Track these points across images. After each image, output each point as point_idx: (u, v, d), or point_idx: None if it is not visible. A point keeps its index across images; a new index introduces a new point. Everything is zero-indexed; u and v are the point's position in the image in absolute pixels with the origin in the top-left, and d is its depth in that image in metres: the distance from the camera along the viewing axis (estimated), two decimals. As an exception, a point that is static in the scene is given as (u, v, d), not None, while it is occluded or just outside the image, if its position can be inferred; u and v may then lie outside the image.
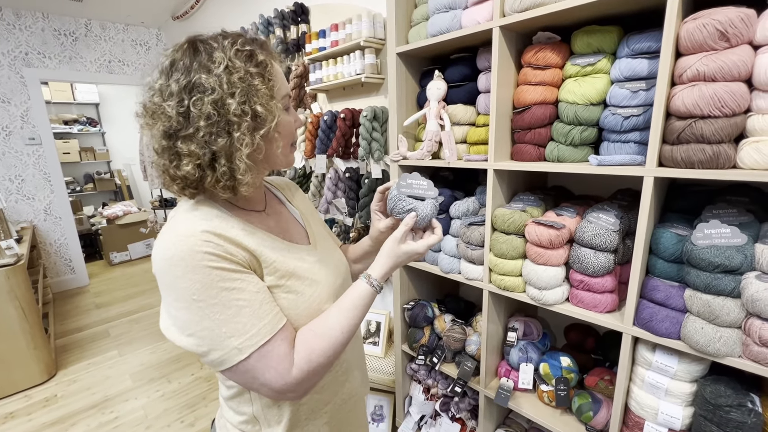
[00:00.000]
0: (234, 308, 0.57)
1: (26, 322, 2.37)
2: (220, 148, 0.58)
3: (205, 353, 0.58)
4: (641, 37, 0.93)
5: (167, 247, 0.57)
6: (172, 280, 0.56)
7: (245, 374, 0.59)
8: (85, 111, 5.61)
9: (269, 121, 0.61)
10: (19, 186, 3.67)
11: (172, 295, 0.57)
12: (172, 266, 0.56)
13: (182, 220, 0.61)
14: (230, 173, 0.59)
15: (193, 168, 0.58)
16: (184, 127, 0.58)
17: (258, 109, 0.59)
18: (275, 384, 0.59)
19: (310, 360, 0.61)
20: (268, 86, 0.61)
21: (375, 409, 1.98)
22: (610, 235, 1.00)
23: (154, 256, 0.59)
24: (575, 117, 1.05)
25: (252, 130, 0.60)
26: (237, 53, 0.59)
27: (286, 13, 2.31)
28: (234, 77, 0.58)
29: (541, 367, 1.28)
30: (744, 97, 0.77)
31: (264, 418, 0.69)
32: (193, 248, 0.56)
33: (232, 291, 0.57)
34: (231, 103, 0.57)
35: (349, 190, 1.99)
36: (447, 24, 1.20)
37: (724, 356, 0.84)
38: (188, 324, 0.57)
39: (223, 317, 0.56)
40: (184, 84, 0.57)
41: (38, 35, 3.59)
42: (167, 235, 0.58)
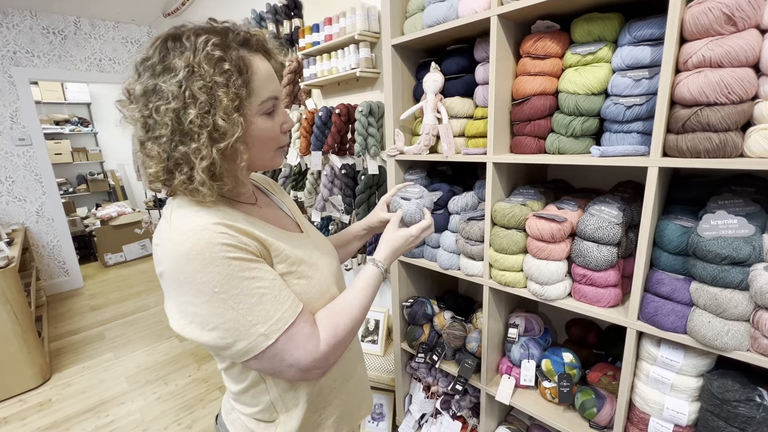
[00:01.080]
0: (256, 296, 0.58)
1: (18, 326, 2.33)
2: (181, 156, 0.57)
3: (229, 345, 0.58)
4: (643, 24, 0.91)
5: (181, 243, 0.56)
6: (190, 276, 0.55)
7: (272, 359, 0.60)
8: (76, 111, 5.53)
9: (229, 135, 0.58)
10: (10, 188, 3.61)
11: (189, 291, 0.56)
12: (189, 261, 0.55)
13: (187, 215, 0.59)
14: (188, 182, 0.58)
15: (159, 170, 0.58)
16: (151, 130, 0.57)
17: (218, 122, 0.56)
18: (304, 362, 0.61)
19: (336, 334, 0.65)
20: (231, 98, 0.57)
21: (375, 408, 1.96)
22: (612, 228, 0.98)
23: (164, 253, 0.57)
24: (576, 107, 1.02)
25: (211, 143, 0.57)
26: (207, 56, 0.56)
27: (278, 8, 2.27)
28: (195, 86, 0.55)
29: (543, 363, 1.26)
30: (752, 82, 0.75)
31: (282, 403, 0.70)
32: (209, 241, 0.55)
33: (252, 280, 0.58)
34: (190, 113, 0.55)
35: (345, 187, 1.96)
36: (443, 14, 1.17)
37: (732, 350, 0.82)
38: (211, 318, 0.56)
39: (247, 306, 0.57)
40: (151, 88, 0.56)
41: (26, 34, 3.52)
42: (176, 231, 0.57)
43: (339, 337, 0.65)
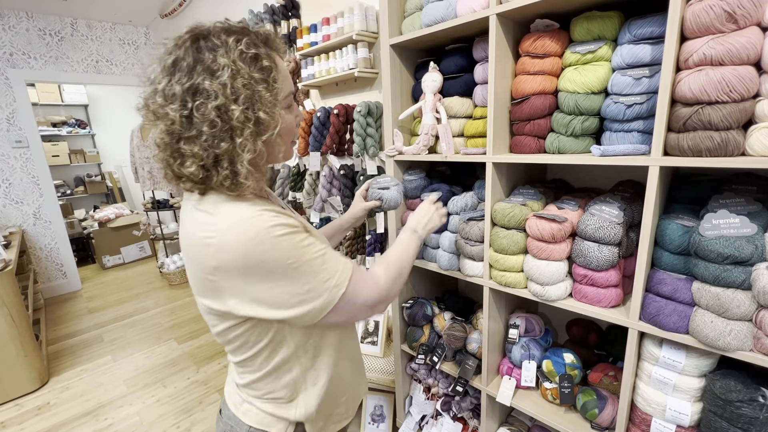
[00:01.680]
0: (319, 258, 0.64)
1: (16, 330, 2.31)
2: (222, 152, 0.59)
3: (312, 307, 0.64)
4: (643, 22, 0.90)
5: (245, 230, 0.59)
6: (262, 257, 0.59)
7: (347, 305, 0.67)
8: (73, 113, 5.51)
9: (272, 127, 0.62)
10: (7, 190, 3.59)
11: (262, 271, 0.60)
12: (258, 244, 0.59)
13: (234, 208, 0.62)
14: (233, 177, 0.61)
15: (196, 169, 0.60)
16: (187, 129, 0.59)
17: (261, 116, 0.60)
18: (373, 297, 0.71)
19: (389, 269, 0.77)
20: (272, 93, 0.62)
21: (375, 409, 1.95)
22: (613, 227, 0.97)
23: (224, 245, 0.59)
24: (576, 107, 1.02)
25: (255, 136, 0.61)
26: (241, 55, 0.59)
27: (276, 8, 2.27)
28: (238, 83, 0.58)
29: (544, 364, 1.25)
30: (753, 81, 0.74)
31: (303, 382, 0.75)
32: (269, 223, 0.60)
33: (310, 246, 0.64)
34: (234, 109, 0.58)
35: (344, 188, 1.95)
36: (442, 13, 1.16)
37: (735, 350, 0.81)
38: (290, 291, 0.62)
39: (315, 268, 0.63)
40: (187, 87, 0.58)
41: (23, 35, 3.51)
42: (233, 221, 0.60)
43: (393, 275, 0.77)
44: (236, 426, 0.78)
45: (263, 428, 0.75)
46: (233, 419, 0.79)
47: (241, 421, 0.77)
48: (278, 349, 0.71)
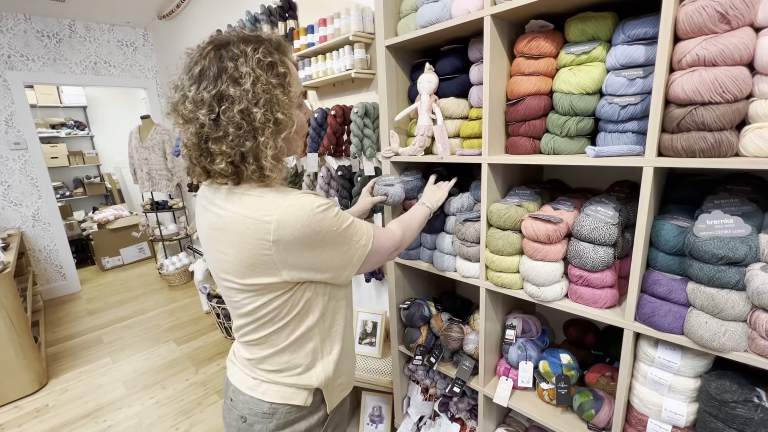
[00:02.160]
0: (351, 226, 0.77)
1: (14, 332, 2.31)
2: (247, 150, 0.68)
3: (350, 265, 0.79)
4: (637, 23, 0.90)
5: (303, 205, 0.69)
6: (315, 228, 0.70)
7: (374, 255, 0.83)
8: (72, 114, 5.51)
9: (289, 126, 0.72)
10: (5, 192, 3.59)
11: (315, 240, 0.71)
12: (312, 217, 0.69)
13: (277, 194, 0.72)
14: (260, 171, 0.70)
15: (226, 165, 0.69)
16: (215, 131, 0.67)
17: (279, 116, 0.69)
18: (392, 244, 0.91)
19: (402, 225, 1.00)
20: (287, 95, 0.70)
21: (373, 410, 1.95)
22: (609, 228, 0.97)
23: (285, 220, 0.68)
24: (571, 107, 1.01)
25: (275, 134, 0.70)
26: (259, 63, 0.67)
27: (273, 9, 2.26)
28: (258, 88, 0.66)
29: (541, 364, 1.25)
30: (746, 81, 0.74)
31: (320, 349, 0.84)
32: (315, 201, 0.70)
33: (342, 217, 0.75)
34: (256, 111, 0.66)
35: (342, 189, 1.95)
36: (436, 14, 1.16)
37: (730, 351, 0.81)
38: (335, 253, 0.75)
39: (350, 233, 0.77)
40: (214, 93, 0.66)
41: (20, 37, 3.51)
42: (289, 202, 0.69)
43: (403, 227, 0.99)
44: (255, 407, 0.82)
45: (285, 401, 0.82)
46: (251, 402, 0.83)
47: (261, 402, 0.82)
48: (304, 319, 0.80)
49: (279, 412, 0.82)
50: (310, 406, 0.84)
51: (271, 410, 0.82)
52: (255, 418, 0.83)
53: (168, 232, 4.31)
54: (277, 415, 0.82)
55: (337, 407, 0.92)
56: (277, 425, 0.82)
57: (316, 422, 0.86)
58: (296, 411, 0.83)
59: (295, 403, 0.82)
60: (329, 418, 0.89)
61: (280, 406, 0.82)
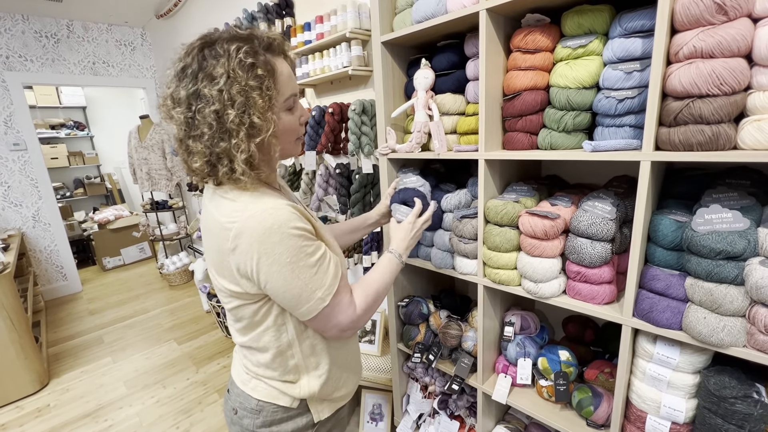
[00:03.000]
0: (315, 267, 0.70)
1: (15, 332, 2.32)
2: (221, 151, 0.66)
3: (294, 306, 0.72)
4: (634, 16, 0.89)
5: (265, 219, 0.65)
6: (269, 247, 0.66)
7: (323, 318, 0.74)
8: (71, 115, 5.51)
9: (264, 130, 0.67)
10: (5, 193, 3.59)
11: (268, 260, 0.66)
12: (270, 234, 0.65)
13: (257, 198, 0.70)
14: (230, 173, 0.68)
15: (202, 164, 0.68)
16: (192, 129, 0.66)
17: (255, 120, 0.66)
18: (344, 322, 0.77)
19: (367, 303, 0.81)
20: (265, 99, 0.66)
21: (373, 408, 1.95)
22: (606, 223, 0.96)
23: (244, 228, 0.66)
24: (567, 102, 1.01)
25: (249, 138, 0.67)
26: (240, 63, 0.64)
27: (270, 7, 2.25)
28: (234, 89, 0.64)
29: (540, 361, 1.24)
30: (744, 73, 0.73)
31: (304, 366, 0.82)
32: (287, 218, 0.67)
33: (310, 255, 0.70)
34: (230, 113, 0.64)
35: (340, 187, 1.94)
36: (432, 9, 1.15)
37: (728, 346, 0.81)
38: (281, 284, 0.69)
39: (308, 276, 0.70)
40: (192, 92, 0.65)
41: (18, 38, 3.50)
42: (256, 209, 0.66)
43: (369, 304, 0.82)
44: (245, 401, 0.84)
45: (271, 401, 0.82)
46: (242, 396, 0.85)
47: (250, 397, 0.83)
48: (281, 332, 0.78)
49: (266, 410, 0.83)
50: (297, 409, 0.84)
51: (258, 407, 0.83)
52: (244, 412, 0.84)
53: (168, 231, 4.31)
54: (264, 413, 0.83)
55: (330, 416, 0.90)
56: (264, 422, 0.83)
57: (303, 425, 0.85)
58: (282, 411, 0.83)
59: (280, 403, 0.82)
60: (319, 423, 0.87)
61: (267, 404, 0.82)
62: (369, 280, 0.86)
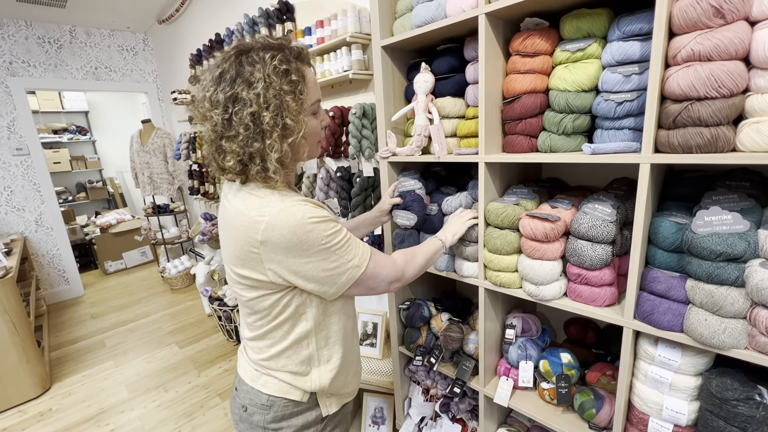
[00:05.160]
0: (345, 243, 0.77)
1: (17, 336, 2.32)
2: (255, 151, 0.71)
3: (336, 283, 0.77)
4: (632, 19, 0.89)
5: (292, 214, 0.71)
6: (304, 236, 0.71)
7: (368, 279, 0.81)
8: (74, 119, 5.55)
9: (296, 131, 0.74)
10: (8, 197, 3.61)
11: (302, 247, 0.72)
12: (302, 224, 0.71)
13: (280, 196, 0.74)
14: (264, 172, 0.73)
15: (235, 163, 0.73)
16: (227, 130, 0.71)
17: (288, 122, 0.72)
18: (390, 274, 0.85)
19: (406, 258, 0.93)
20: (297, 102, 0.73)
21: (375, 412, 1.95)
22: (606, 226, 0.96)
23: (275, 223, 0.71)
24: (567, 105, 1.01)
25: (282, 138, 0.72)
26: (275, 70, 0.70)
27: (271, 12, 2.27)
28: (269, 93, 0.69)
29: (541, 364, 1.24)
30: (742, 76, 0.73)
31: (317, 358, 0.86)
32: (310, 211, 0.72)
33: (338, 232, 0.76)
34: (266, 115, 0.70)
35: (341, 190, 1.95)
36: (431, 14, 1.16)
37: (730, 348, 0.80)
38: (318, 267, 0.74)
39: (342, 251, 0.76)
40: (229, 95, 0.70)
41: (22, 43, 3.54)
42: (283, 205, 0.72)
43: (408, 260, 0.93)
44: (255, 398, 0.86)
45: (282, 395, 0.85)
46: (252, 392, 0.87)
47: (260, 393, 0.86)
48: (298, 323, 0.82)
49: (276, 405, 0.84)
50: (307, 403, 0.86)
51: (269, 402, 0.85)
52: (254, 408, 0.86)
53: (170, 235, 4.33)
54: (275, 408, 0.84)
55: (338, 411, 0.93)
56: (275, 417, 0.85)
57: (313, 419, 0.87)
58: (293, 405, 0.85)
59: (291, 397, 0.85)
60: (328, 418, 0.90)
61: (278, 399, 0.84)
62: (408, 248, 0.98)
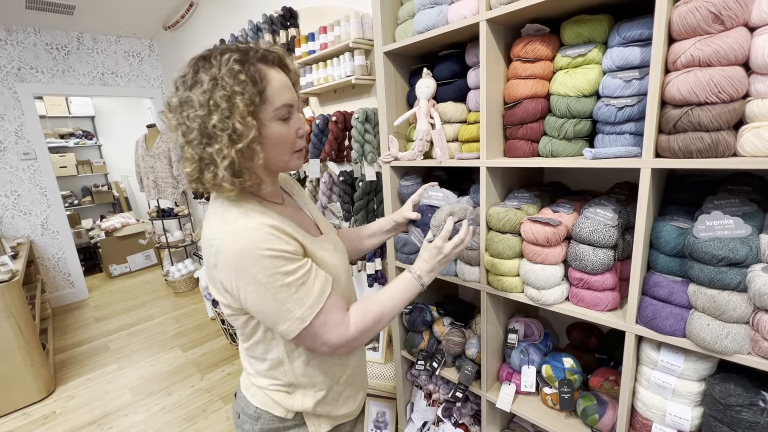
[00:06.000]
0: (291, 287, 0.68)
1: (23, 339, 2.34)
2: (208, 156, 0.66)
3: (273, 325, 0.71)
4: (632, 25, 0.90)
5: (239, 239, 0.66)
6: (243, 269, 0.66)
7: (309, 337, 0.72)
8: (80, 124, 5.61)
9: (245, 136, 0.66)
10: (15, 201, 3.65)
11: (245, 278, 0.67)
12: (244, 256, 0.66)
13: (240, 215, 0.70)
14: (214, 179, 0.68)
15: (192, 170, 0.68)
16: (186, 135, 0.67)
17: (236, 125, 0.65)
18: (336, 341, 0.73)
19: (365, 322, 0.76)
20: (246, 103, 0.65)
21: (378, 416, 1.94)
22: (608, 230, 0.96)
23: (222, 248, 0.67)
24: (568, 110, 1.02)
25: (231, 144, 0.66)
26: (229, 71, 0.65)
27: (275, 18, 2.29)
28: (218, 94, 0.64)
29: (544, 369, 1.24)
30: (742, 81, 0.74)
31: (298, 383, 0.81)
32: (262, 239, 0.66)
33: (289, 274, 0.68)
34: (213, 118, 0.64)
35: (344, 194, 1.96)
36: (433, 20, 1.17)
37: (733, 353, 0.80)
38: (257, 303, 0.69)
39: (286, 295, 0.68)
40: (184, 99, 0.67)
41: (30, 50, 3.59)
42: (232, 229, 0.68)
43: (367, 324, 0.76)
44: (246, 407, 0.86)
45: (267, 409, 0.83)
46: (243, 401, 0.87)
47: (249, 403, 0.85)
48: (272, 346, 0.79)
49: (263, 418, 0.83)
50: (294, 420, 0.84)
51: (257, 414, 0.84)
52: (245, 417, 0.86)
53: (174, 239, 4.35)
54: (262, 420, 0.83)
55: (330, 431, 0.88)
56: (261, 430, 0.84)
57: None
58: (278, 421, 0.83)
59: (276, 413, 0.83)
60: None
61: (264, 412, 0.83)
62: (374, 301, 0.80)
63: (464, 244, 0.89)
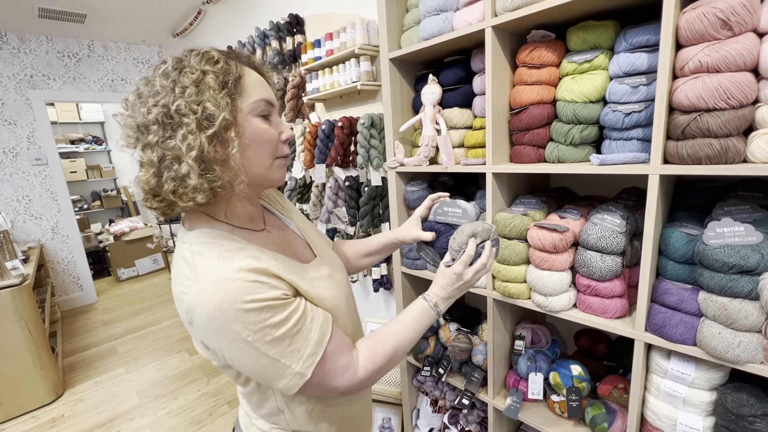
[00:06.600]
0: (287, 339, 0.59)
1: (33, 342, 2.37)
2: (169, 151, 0.55)
3: (270, 382, 0.62)
4: (639, 31, 0.90)
5: (213, 294, 0.55)
6: (224, 326, 0.55)
7: (314, 388, 0.62)
8: (90, 130, 5.70)
9: (216, 117, 0.56)
10: (27, 206, 3.71)
11: (225, 339, 0.56)
12: (222, 313, 0.54)
13: (213, 262, 0.58)
14: (175, 184, 0.56)
15: (149, 177, 0.57)
16: (143, 135, 0.57)
17: (207, 105, 0.56)
18: (344, 386, 0.65)
19: (375, 362, 0.67)
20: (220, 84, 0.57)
21: (383, 422, 1.93)
22: (616, 236, 0.96)
23: (195, 303, 0.55)
24: (574, 116, 1.01)
25: (199, 129, 0.55)
26: (199, 57, 0.58)
27: (281, 25, 2.32)
28: (185, 78, 0.56)
29: (551, 376, 1.23)
30: (751, 87, 0.73)
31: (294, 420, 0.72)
32: (241, 291, 0.55)
33: (280, 325, 0.58)
34: (180, 101, 0.55)
35: (349, 199, 1.97)
36: (438, 27, 1.18)
37: (745, 363, 0.79)
38: (247, 363, 0.59)
39: (280, 350, 0.58)
40: (145, 91, 0.58)
41: (42, 58, 3.66)
42: (206, 281, 0.56)
43: (378, 365, 0.68)
44: None
45: None
46: None
47: None
48: (268, 395, 0.69)
49: None
50: None
51: None
52: None
53: (181, 243, 4.38)
54: None
55: None
56: None
57: None
58: None
59: None
60: None
61: None
62: (385, 336, 0.70)
63: (487, 270, 0.78)
